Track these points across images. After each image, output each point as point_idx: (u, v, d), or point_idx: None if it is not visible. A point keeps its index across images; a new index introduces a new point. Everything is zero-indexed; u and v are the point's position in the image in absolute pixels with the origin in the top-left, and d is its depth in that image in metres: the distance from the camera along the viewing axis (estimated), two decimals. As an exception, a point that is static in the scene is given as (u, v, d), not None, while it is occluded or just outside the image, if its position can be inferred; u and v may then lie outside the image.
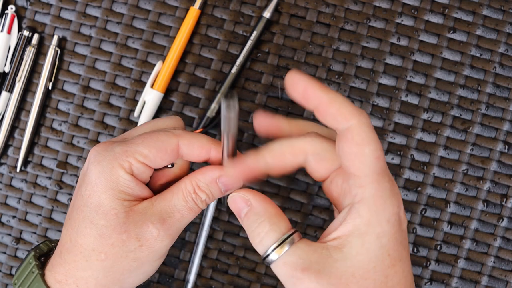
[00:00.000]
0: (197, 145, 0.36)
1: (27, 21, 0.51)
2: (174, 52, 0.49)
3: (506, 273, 0.49)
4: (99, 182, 0.35)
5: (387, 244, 0.31)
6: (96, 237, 0.35)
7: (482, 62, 0.49)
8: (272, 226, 0.33)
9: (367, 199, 0.31)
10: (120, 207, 0.35)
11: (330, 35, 0.50)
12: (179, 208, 0.36)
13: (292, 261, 0.32)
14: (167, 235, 0.36)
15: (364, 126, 0.32)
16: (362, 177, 0.31)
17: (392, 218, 0.31)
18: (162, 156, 0.35)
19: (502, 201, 0.49)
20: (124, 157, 0.35)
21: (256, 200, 0.34)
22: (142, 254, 0.35)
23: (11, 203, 0.51)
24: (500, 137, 0.49)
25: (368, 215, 0.31)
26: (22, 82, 0.50)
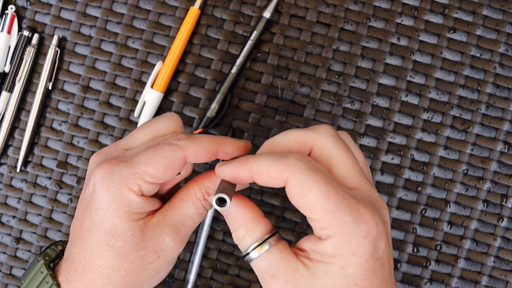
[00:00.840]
0: (204, 153, 0.36)
1: (27, 21, 0.51)
2: (174, 52, 0.49)
3: (506, 273, 0.49)
4: (111, 208, 0.35)
5: (352, 274, 0.31)
6: (114, 258, 0.35)
7: (482, 62, 0.49)
8: (247, 231, 0.34)
9: (331, 237, 0.31)
10: (135, 228, 0.35)
11: (330, 35, 0.50)
12: (191, 215, 0.37)
13: (263, 266, 0.33)
14: (182, 242, 0.37)
15: (297, 174, 0.31)
16: (320, 220, 0.31)
17: (358, 250, 0.31)
18: (170, 172, 0.35)
19: (502, 201, 0.49)
20: (133, 180, 0.34)
21: (234, 204, 0.34)
22: (159, 264, 0.37)
23: (11, 203, 0.51)
24: (500, 137, 0.49)
25: (332, 249, 0.31)
26: (22, 82, 0.50)
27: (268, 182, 0.32)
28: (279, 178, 0.31)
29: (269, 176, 0.32)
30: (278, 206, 0.50)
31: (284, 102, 0.50)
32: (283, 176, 0.31)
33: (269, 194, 0.50)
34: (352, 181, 0.33)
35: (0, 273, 0.51)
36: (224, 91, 0.49)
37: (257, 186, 0.50)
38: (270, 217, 0.50)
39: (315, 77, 0.50)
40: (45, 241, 0.51)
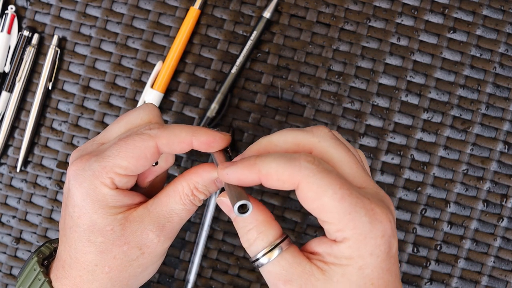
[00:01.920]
0: (177, 141, 0.35)
1: (27, 21, 0.51)
2: (174, 52, 0.49)
3: (506, 273, 0.49)
4: (85, 204, 0.34)
5: (370, 274, 0.31)
6: (97, 253, 0.35)
7: (482, 62, 0.49)
8: (259, 234, 0.32)
9: (347, 239, 0.30)
10: (114, 222, 0.35)
11: (330, 35, 0.50)
12: (177, 211, 0.36)
13: (276, 272, 0.31)
14: (167, 239, 0.36)
15: (309, 178, 0.30)
16: (336, 223, 0.30)
17: (375, 251, 0.31)
18: (142, 163, 0.34)
19: (502, 201, 0.49)
20: (104, 174, 0.34)
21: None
22: (145, 260, 0.36)
23: (11, 203, 0.51)
24: (500, 137, 0.49)
25: (349, 252, 0.30)
26: (22, 82, 0.50)
27: (277, 186, 0.31)
28: (290, 182, 0.30)
29: (279, 180, 0.31)
30: (278, 206, 0.50)
31: (284, 102, 0.50)
32: (295, 180, 0.30)
33: (269, 194, 0.50)
34: (358, 181, 0.32)
35: (0, 273, 0.51)
36: (224, 91, 0.49)
37: (257, 186, 0.50)
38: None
39: (315, 77, 0.50)
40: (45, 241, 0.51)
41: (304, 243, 0.34)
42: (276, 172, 0.31)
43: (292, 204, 0.50)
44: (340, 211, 0.30)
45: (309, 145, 0.33)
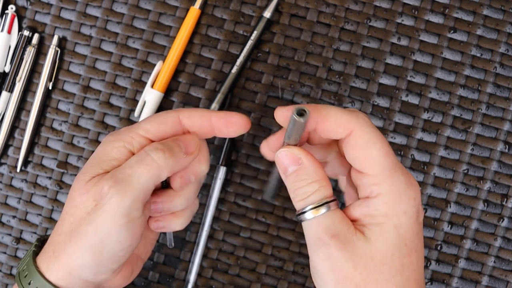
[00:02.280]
0: (197, 115, 0.37)
1: (27, 21, 0.51)
2: (175, 52, 0.49)
3: (507, 273, 0.49)
4: (94, 153, 0.37)
5: (404, 234, 0.33)
6: (68, 200, 0.37)
7: (483, 62, 0.49)
8: (321, 188, 0.34)
9: (383, 195, 0.32)
10: (93, 171, 0.36)
11: (330, 35, 0.50)
12: (132, 164, 0.35)
13: (326, 224, 0.33)
14: (116, 191, 0.34)
15: (364, 128, 0.33)
16: (375, 176, 0.33)
17: (409, 210, 0.33)
18: (164, 128, 0.37)
19: (502, 201, 0.49)
20: (128, 133, 0.37)
21: (308, 160, 0.34)
22: (96, 215, 0.35)
23: (11, 203, 0.51)
24: (501, 137, 0.49)
25: (385, 208, 0.32)
26: (22, 82, 0.50)
27: (330, 129, 0.33)
28: (346, 127, 0.33)
29: (336, 123, 0.33)
30: (279, 206, 0.50)
31: (284, 102, 0.50)
32: (350, 126, 0.33)
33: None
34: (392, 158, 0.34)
35: (0, 273, 0.51)
36: (225, 91, 0.49)
37: (258, 186, 0.50)
38: (270, 217, 0.50)
39: (316, 77, 0.50)
40: (45, 241, 0.51)
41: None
42: (335, 115, 0.33)
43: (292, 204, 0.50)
44: (383, 164, 0.32)
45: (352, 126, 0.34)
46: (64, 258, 0.36)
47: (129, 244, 0.36)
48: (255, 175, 0.50)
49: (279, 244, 0.50)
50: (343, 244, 0.32)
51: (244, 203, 0.50)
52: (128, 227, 0.35)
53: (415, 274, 0.33)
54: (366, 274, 0.32)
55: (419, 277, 0.34)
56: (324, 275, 0.33)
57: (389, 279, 0.33)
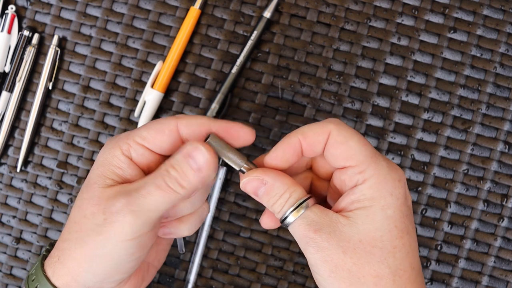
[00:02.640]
0: (196, 124, 0.36)
1: (27, 21, 0.51)
2: (175, 52, 0.49)
3: (507, 273, 0.49)
4: (97, 161, 0.37)
5: (393, 216, 0.33)
6: (77, 208, 0.36)
7: (483, 62, 0.49)
8: (292, 193, 0.35)
9: (368, 180, 0.34)
10: (101, 182, 0.36)
11: (330, 35, 0.50)
12: (147, 183, 0.35)
13: (306, 223, 0.34)
14: (129, 211, 0.34)
15: (339, 126, 0.35)
16: (359, 165, 0.34)
17: (395, 191, 0.34)
18: (161, 137, 0.36)
19: (502, 201, 0.49)
20: (125, 139, 0.36)
21: (270, 177, 0.35)
22: (105, 229, 0.34)
23: (11, 203, 0.51)
24: (501, 137, 0.49)
25: (370, 191, 0.33)
26: (22, 82, 0.50)
27: (311, 143, 0.35)
28: (324, 131, 0.35)
29: (314, 133, 0.35)
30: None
31: (284, 102, 0.50)
32: (326, 129, 0.35)
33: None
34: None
35: (0, 273, 0.51)
36: (225, 91, 0.49)
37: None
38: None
39: (316, 77, 0.50)
40: (45, 241, 0.51)
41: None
42: (310, 128, 0.35)
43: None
44: (364, 153, 0.34)
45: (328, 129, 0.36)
46: (70, 264, 0.36)
47: (138, 256, 0.36)
48: (255, 175, 0.50)
49: (279, 244, 0.50)
50: (328, 234, 0.33)
51: (244, 203, 0.50)
52: (139, 241, 0.35)
53: (410, 258, 0.34)
54: (357, 257, 0.33)
55: (414, 262, 0.34)
56: (319, 268, 0.34)
57: (381, 261, 0.33)
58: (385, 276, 0.33)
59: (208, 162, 0.35)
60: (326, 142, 0.35)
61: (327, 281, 0.34)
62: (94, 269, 0.35)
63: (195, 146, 0.35)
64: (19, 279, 0.51)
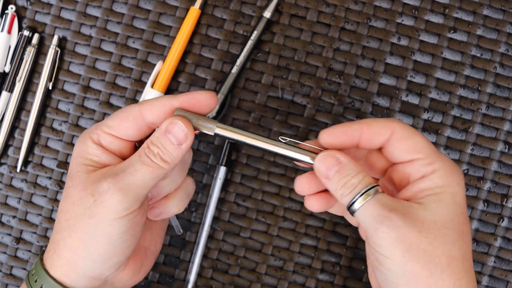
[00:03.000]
0: (158, 105, 0.37)
1: (27, 21, 0.51)
2: (175, 52, 0.49)
3: (507, 273, 0.49)
4: (74, 154, 0.38)
5: (460, 202, 0.35)
6: (64, 198, 0.37)
7: (483, 62, 0.49)
8: (365, 176, 0.36)
9: (437, 170, 0.35)
10: (83, 169, 0.37)
11: (330, 35, 0.50)
12: (133, 162, 0.36)
13: (381, 201, 0.35)
14: (117, 188, 0.35)
15: (402, 124, 0.37)
16: (427, 157, 0.36)
17: (460, 182, 0.36)
18: (126, 124, 0.37)
19: (502, 201, 0.49)
20: (94, 130, 0.38)
21: (346, 157, 0.36)
22: (96, 210, 0.35)
23: (11, 203, 0.51)
24: (501, 137, 0.49)
25: (441, 180, 0.35)
26: (22, 82, 0.50)
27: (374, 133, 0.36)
28: (388, 127, 0.36)
29: (379, 126, 0.36)
30: (279, 206, 0.50)
31: (284, 102, 0.50)
32: (391, 126, 0.36)
33: (268, 194, 0.50)
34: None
35: (0, 273, 0.51)
36: (225, 91, 0.49)
37: (258, 186, 0.50)
38: (270, 217, 0.50)
39: (316, 77, 0.50)
40: (46, 241, 0.51)
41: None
42: (376, 122, 0.37)
43: (292, 203, 0.50)
44: (431, 147, 0.36)
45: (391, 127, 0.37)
46: (66, 253, 0.36)
47: (132, 234, 0.37)
48: (255, 175, 0.50)
49: (279, 244, 0.50)
50: (403, 214, 0.34)
51: (244, 203, 0.50)
52: (130, 218, 0.36)
53: (470, 246, 0.36)
54: (432, 237, 0.34)
55: (471, 252, 0.36)
56: (390, 248, 0.34)
57: (453, 243, 0.34)
58: (456, 257, 0.34)
59: (186, 135, 0.36)
60: (389, 138, 0.36)
61: (399, 262, 0.34)
62: (91, 254, 0.36)
63: (172, 121, 0.36)
64: (19, 279, 0.51)
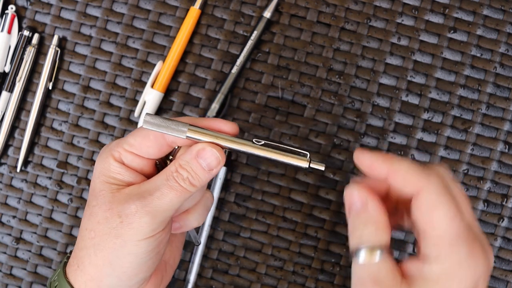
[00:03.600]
0: None
1: (27, 21, 0.51)
2: (175, 52, 0.49)
3: (507, 273, 0.49)
4: (96, 171, 0.38)
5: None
6: (88, 217, 0.37)
7: (483, 62, 0.49)
8: (377, 232, 0.33)
9: (440, 260, 0.32)
10: (108, 188, 0.37)
11: (330, 35, 0.50)
12: (159, 186, 0.36)
13: (372, 271, 0.33)
14: (145, 211, 0.36)
15: (432, 189, 0.32)
16: (435, 238, 0.32)
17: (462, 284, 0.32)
18: (147, 143, 0.37)
19: (502, 201, 0.49)
20: (115, 148, 0.38)
21: (373, 203, 0.34)
22: (123, 231, 0.36)
23: (11, 203, 0.51)
24: (501, 137, 0.49)
25: (438, 274, 0.32)
26: (22, 82, 0.50)
27: (400, 184, 0.33)
28: (414, 185, 0.33)
29: (404, 179, 0.33)
30: (279, 206, 0.50)
31: (284, 102, 0.50)
32: (418, 184, 0.33)
33: (268, 194, 0.50)
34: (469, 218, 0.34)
35: (0, 273, 0.51)
36: (225, 91, 0.49)
37: (258, 186, 0.50)
38: (270, 217, 0.50)
39: (316, 77, 0.50)
40: (45, 241, 0.51)
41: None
42: (406, 171, 0.33)
43: (292, 203, 0.50)
44: (444, 230, 0.32)
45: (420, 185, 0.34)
46: (91, 270, 0.37)
47: (157, 252, 0.37)
48: (255, 175, 0.50)
49: (279, 244, 0.50)
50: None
51: (244, 203, 0.50)
52: (156, 238, 0.37)
53: None
54: None
55: None
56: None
57: None
58: None
59: (218, 161, 0.36)
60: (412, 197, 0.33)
61: None
62: (117, 272, 0.37)
63: (205, 147, 0.36)
64: (19, 279, 0.51)
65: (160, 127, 0.36)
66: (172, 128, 0.36)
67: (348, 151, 0.49)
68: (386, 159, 0.34)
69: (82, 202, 0.51)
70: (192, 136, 0.36)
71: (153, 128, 0.36)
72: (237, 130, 0.38)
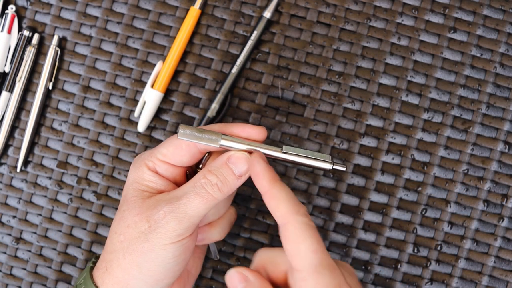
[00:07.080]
0: None
1: (27, 21, 0.51)
2: (175, 52, 0.49)
3: (507, 273, 0.49)
4: (129, 179, 0.40)
5: None
6: (118, 221, 0.39)
7: (483, 62, 0.49)
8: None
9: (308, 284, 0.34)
10: (139, 195, 0.39)
11: (330, 35, 0.50)
12: (187, 192, 0.38)
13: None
14: (172, 217, 0.37)
15: (298, 224, 0.34)
16: (302, 271, 0.34)
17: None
18: (180, 152, 0.39)
19: (502, 201, 0.49)
20: (149, 157, 0.40)
21: (253, 276, 0.36)
22: (151, 235, 0.37)
23: (11, 203, 0.51)
24: (501, 137, 0.49)
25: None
26: (22, 82, 0.50)
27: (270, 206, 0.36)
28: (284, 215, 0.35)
29: (276, 207, 0.35)
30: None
31: (284, 102, 0.50)
32: (286, 217, 0.35)
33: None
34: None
35: (0, 273, 0.51)
36: (225, 91, 0.49)
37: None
38: (270, 217, 0.50)
39: (316, 77, 0.50)
40: (45, 241, 0.51)
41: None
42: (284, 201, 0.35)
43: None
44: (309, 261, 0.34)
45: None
46: (119, 273, 0.38)
47: (183, 258, 0.39)
48: (255, 175, 0.50)
49: (279, 244, 0.50)
50: None
51: (244, 203, 0.50)
52: (183, 243, 0.38)
53: None
54: None
55: None
56: None
57: None
58: None
59: (247, 168, 0.38)
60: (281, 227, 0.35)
61: None
62: (144, 275, 0.38)
63: (237, 154, 0.38)
64: (19, 279, 0.51)
65: (195, 138, 0.37)
66: (206, 138, 0.37)
67: (348, 151, 0.49)
68: (271, 179, 0.36)
69: (82, 202, 0.51)
70: (225, 144, 0.37)
71: (187, 139, 0.37)
72: (266, 133, 0.39)
